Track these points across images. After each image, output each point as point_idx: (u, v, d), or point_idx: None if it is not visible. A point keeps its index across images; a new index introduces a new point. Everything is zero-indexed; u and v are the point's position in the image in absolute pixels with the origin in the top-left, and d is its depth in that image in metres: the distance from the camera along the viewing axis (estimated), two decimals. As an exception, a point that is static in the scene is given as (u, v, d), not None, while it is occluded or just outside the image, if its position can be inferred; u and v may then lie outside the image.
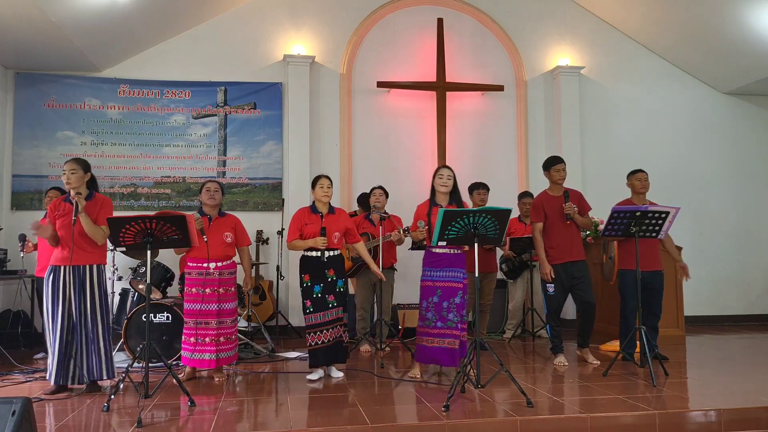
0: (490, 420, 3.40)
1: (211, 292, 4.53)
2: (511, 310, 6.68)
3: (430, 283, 4.42)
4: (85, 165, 4.24)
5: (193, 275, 4.56)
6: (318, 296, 4.51)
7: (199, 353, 4.48)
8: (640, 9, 7.52)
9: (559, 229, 5.01)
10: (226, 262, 4.63)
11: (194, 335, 4.49)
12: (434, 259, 4.43)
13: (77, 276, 4.11)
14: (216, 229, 4.61)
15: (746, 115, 8.25)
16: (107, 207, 4.24)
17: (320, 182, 4.65)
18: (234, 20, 7.31)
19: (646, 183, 5.24)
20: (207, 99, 7.17)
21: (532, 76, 7.81)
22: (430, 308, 4.39)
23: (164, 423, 3.43)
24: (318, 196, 4.64)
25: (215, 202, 4.66)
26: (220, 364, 4.58)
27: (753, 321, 7.89)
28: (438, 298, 4.37)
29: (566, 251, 4.97)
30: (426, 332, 4.41)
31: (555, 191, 5.12)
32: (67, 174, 4.13)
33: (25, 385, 4.42)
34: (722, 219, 8.05)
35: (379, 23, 7.57)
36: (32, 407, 2.49)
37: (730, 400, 3.80)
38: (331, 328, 4.51)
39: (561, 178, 5.09)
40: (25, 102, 6.82)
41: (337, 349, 4.55)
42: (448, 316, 4.35)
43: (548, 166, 5.15)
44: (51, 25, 5.62)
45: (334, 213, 4.69)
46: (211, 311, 4.51)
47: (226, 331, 4.58)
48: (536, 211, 5.11)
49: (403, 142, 7.48)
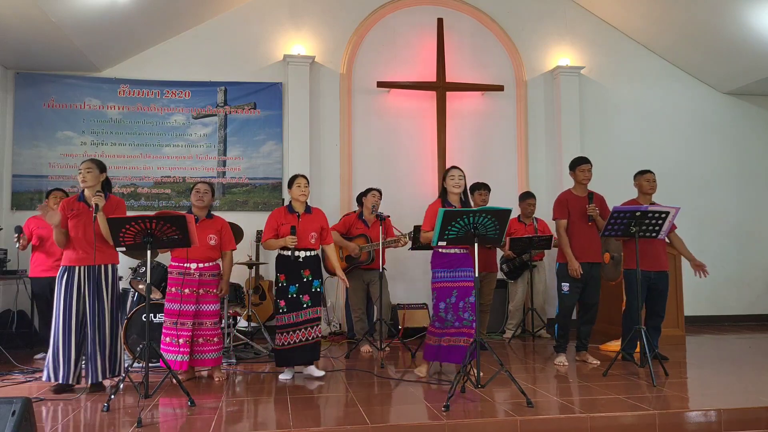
0: (490, 420, 3.40)
1: (190, 292, 4.49)
2: (512, 310, 6.68)
3: (446, 284, 4.39)
4: (101, 165, 4.30)
5: (174, 275, 4.54)
6: (292, 297, 4.52)
7: (172, 354, 4.41)
8: (640, 9, 7.52)
9: (579, 229, 5.02)
10: (207, 263, 4.58)
11: (171, 335, 4.45)
12: (446, 259, 4.41)
13: (92, 276, 4.15)
14: (201, 230, 4.53)
15: (746, 115, 8.25)
16: (121, 208, 4.32)
17: (297, 181, 4.66)
18: (234, 20, 7.31)
19: (654, 184, 5.25)
20: (207, 99, 7.17)
21: (532, 76, 7.81)
22: (449, 309, 4.36)
23: (164, 423, 3.43)
24: (295, 195, 4.64)
25: (203, 204, 4.64)
26: (195, 365, 4.56)
27: (753, 321, 7.90)
28: (455, 299, 4.36)
29: (586, 251, 4.99)
30: (443, 332, 4.39)
31: (579, 191, 5.13)
32: (83, 173, 4.16)
33: (25, 385, 4.42)
34: (722, 219, 8.05)
35: (379, 23, 7.57)
36: (32, 407, 2.49)
37: (730, 400, 3.80)
38: (303, 329, 4.51)
39: (586, 179, 5.10)
40: (25, 102, 6.82)
41: (308, 349, 4.53)
42: (464, 315, 4.36)
43: (574, 166, 5.16)
44: (51, 25, 5.61)
45: (311, 213, 4.69)
46: (188, 312, 4.47)
47: (205, 332, 4.52)
48: (561, 208, 5.11)
49: (403, 142, 7.48)
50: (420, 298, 6.95)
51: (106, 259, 4.21)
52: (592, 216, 4.99)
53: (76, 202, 4.23)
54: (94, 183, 4.20)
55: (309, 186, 4.72)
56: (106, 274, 4.20)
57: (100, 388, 4.20)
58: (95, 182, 4.21)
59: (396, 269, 6.83)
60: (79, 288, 4.12)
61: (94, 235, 4.08)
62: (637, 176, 5.33)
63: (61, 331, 4.11)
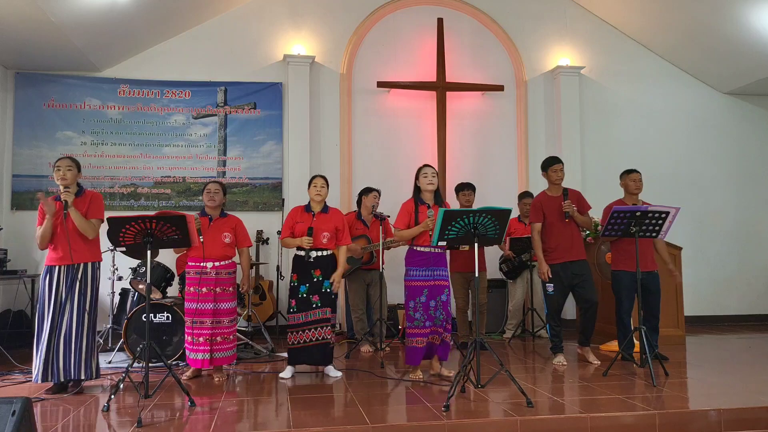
0: (490, 420, 3.40)
1: (208, 291, 4.54)
2: (511, 310, 6.68)
3: (417, 283, 4.40)
4: (78, 164, 4.25)
5: (191, 274, 4.60)
6: (303, 296, 4.53)
7: (194, 352, 4.52)
8: (640, 9, 7.51)
9: (558, 229, 5.01)
10: (224, 262, 4.63)
11: (191, 334, 4.52)
12: (419, 258, 4.42)
13: (70, 274, 4.11)
14: (215, 229, 4.63)
15: (746, 115, 8.25)
16: (97, 201, 4.25)
17: (314, 182, 4.69)
18: (234, 20, 7.31)
19: (639, 183, 5.23)
20: (207, 99, 7.17)
21: (532, 76, 7.81)
22: (418, 308, 4.38)
23: (164, 423, 3.43)
24: (311, 195, 4.68)
25: (215, 204, 4.68)
26: (215, 364, 4.58)
27: (753, 321, 7.89)
28: (425, 298, 4.37)
29: (566, 251, 4.97)
30: (416, 333, 4.40)
31: (554, 191, 5.13)
32: (63, 170, 4.10)
33: (25, 385, 4.41)
34: (722, 219, 8.05)
35: (379, 23, 7.57)
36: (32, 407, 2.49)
37: (730, 400, 3.80)
38: (314, 329, 4.51)
39: (559, 179, 5.09)
40: (25, 102, 6.82)
41: (320, 350, 4.53)
42: (436, 314, 4.38)
43: (546, 167, 5.15)
44: (51, 25, 5.61)
45: (327, 212, 4.70)
46: (206, 310, 4.53)
47: (223, 330, 4.59)
48: (535, 211, 5.11)
49: (403, 142, 7.48)
50: (420, 298, 6.94)
51: (85, 257, 4.14)
52: (568, 213, 4.96)
53: (53, 202, 4.17)
54: (74, 181, 4.16)
55: (327, 186, 4.72)
56: (84, 272, 4.14)
57: (62, 389, 4.10)
58: (74, 181, 4.17)
59: (395, 270, 6.81)
60: (57, 288, 4.08)
61: (67, 232, 4.04)
62: (623, 176, 5.31)
63: (38, 331, 4.08)
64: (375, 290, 5.84)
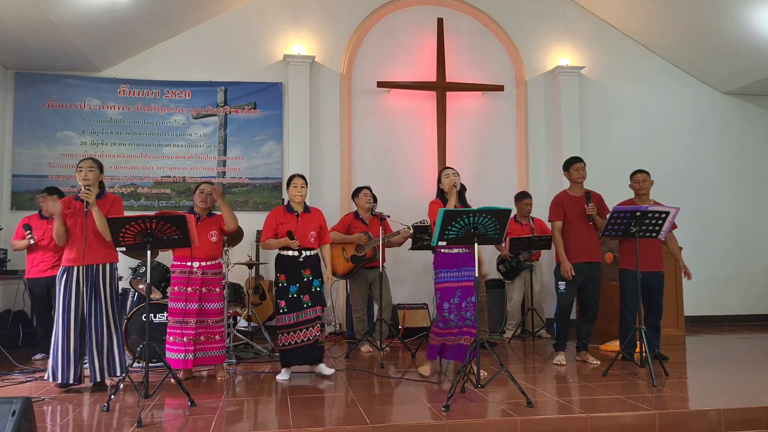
0: (490, 420, 3.40)
1: (193, 291, 4.50)
2: (510, 311, 6.69)
3: (450, 284, 4.39)
4: (101, 166, 4.32)
5: (176, 274, 4.55)
6: (293, 297, 4.53)
7: (175, 352, 4.45)
8: (640, 9, 7.51)
9: (578, 229, 5.02)
10: (210, 261, 4.59)
11: (173, 334, 4.47)
12: (449, 260, 4.41)
13: (90, 276, 4.16)
14: (203, 228, 4.56)
15: (746, 115, 8.25)
16: (117, 204, 4.33)
17: (294, 182, 4.67)
18: (234, 20, 7.31)
19: (643, 184, 5.24)
20: (207, 99, 7.17)
21: (532, 76, 7.81)
22: (453, 309, 4.37)
23: (164, 423, 3.43)
24: (291, 195, 4.67)
25: (206, 206, 4.66)
26: (198, 364, 4.55)
27: (753, 321, 7.89)
28: (458, 299, 4.37)
29: (583, 252, 4.98)
30: (447, 332, 4.39)
31: (575, 191, 5.13)
32: (85, 171, 4.16)
33: (25, 385, 4.42)
34: (722, 219, 8.05)
35: (379, 23, 7.57)
36: (32, 407, 2.49)
37: (730, 400, 3.80)
38: (305, 329, 4.51)
39: (581, 177, 5.10)
40: (25, 102, 6.82)
41: (311, 349, 4.53)
42: (466, 315, 4.36)
43: (567, 166, 5.16)
44: (51, 25, 5.61)
45: (310, 212, 4.70)
46: (191, 310, 4.49)
47: (209, 330, 4.54)
48: (556, 209, 5.11)
49: (403, 142, 7.48)
50: (420, 298, 6.94)
51: (103, 258, 4.21)
52: (591, 216, 4.99)
53: (73, 201, 4.23)
54: (96, 182, 4.21)
55: (307, 186, 4.71)
56: (104, 273, 4.20)
57: (101, 387, 4.22)
58: (96, 181, 4.22)
59: (396, 269, 6.82)
60: (77, 288, 4.13)
61: (85, 233, 4.09)
62: (630, 177, 5.35)
63: (61, 332, 4.13)
64: (377, 289, 5.83)
